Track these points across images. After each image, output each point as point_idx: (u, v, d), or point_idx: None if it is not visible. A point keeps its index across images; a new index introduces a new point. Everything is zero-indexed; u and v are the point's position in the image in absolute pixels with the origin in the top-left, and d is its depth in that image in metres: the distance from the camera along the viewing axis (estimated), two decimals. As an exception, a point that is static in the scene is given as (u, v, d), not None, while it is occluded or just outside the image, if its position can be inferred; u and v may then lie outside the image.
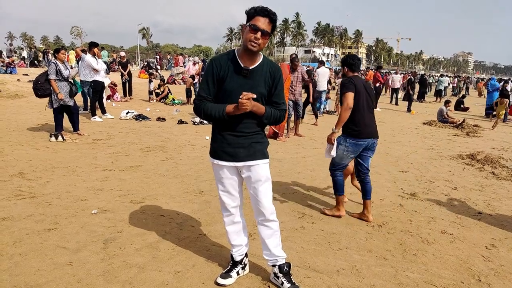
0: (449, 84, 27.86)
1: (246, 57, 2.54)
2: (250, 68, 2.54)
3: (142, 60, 43.23)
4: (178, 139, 8.15)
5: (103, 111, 10.33)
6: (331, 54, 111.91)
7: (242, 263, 2.93)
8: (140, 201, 4.46)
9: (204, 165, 6.13)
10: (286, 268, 2.78)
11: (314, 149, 7.88)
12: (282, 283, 2.75)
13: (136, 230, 3.68)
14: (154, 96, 14.71)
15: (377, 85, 16.69)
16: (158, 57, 33.33)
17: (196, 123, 10.09)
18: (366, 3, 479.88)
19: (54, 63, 7.52)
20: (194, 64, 17.95)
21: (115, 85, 14.14)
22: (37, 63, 25.62)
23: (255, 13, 2.44)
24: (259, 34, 2.42)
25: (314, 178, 5.76)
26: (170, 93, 14.85)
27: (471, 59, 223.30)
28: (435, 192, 5.40)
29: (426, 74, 36.86)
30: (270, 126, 8.60)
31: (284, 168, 6.22)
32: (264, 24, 2.42)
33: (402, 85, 19.89)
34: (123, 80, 14.60)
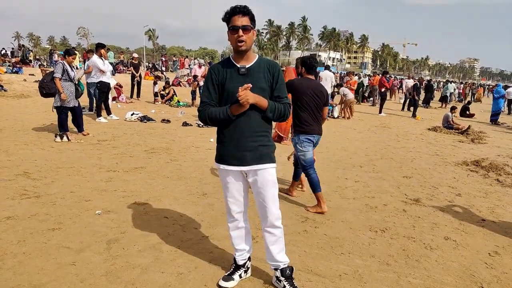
0: (454, 90, 27.71)
1: (240, 58, 2.60)
2: (247, 66, 2.58)
3: (148, 62, 43.43)
4: (183, 141, 8.17)
5: (109, 112, 10.38)
6: (337, 59, 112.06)
7: (245, 267, 2.94)
8: (143, 202, 4.48)
9: (208, 167, 6.15)
10: (288, 272, 2.79)
11: (318, 153, 7.85)
12: (284, 287, 2.75)
13: (139, 231, 3.70)
14: (160, 98, 14.78)
15: (382, 90, 16.44)
16: (163, 59, 33.47)
17: (200, 126, 10.13)
18: (372, 8, 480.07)
19: (61, 63, 7.58)
20: (200, 66, 18.00)
21: (121, 86, 14.21)
22: (28, 62, 24.38)
23: (229, 16, 2.51)
24: (241, 32, 2.48)
25: (317, 182, 5.75)
26: (175, 95, 14.91)
27: (477, 65, 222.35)
28: (439, 198, 5.38)
29: (432, 80, 36.70)
30: (275, 128, 8.61)
31: (287, 172, 6.22)
32: (239, 20, 2.47)
33: (408, 90, 19.75)
34: (134, 81, 14.66)
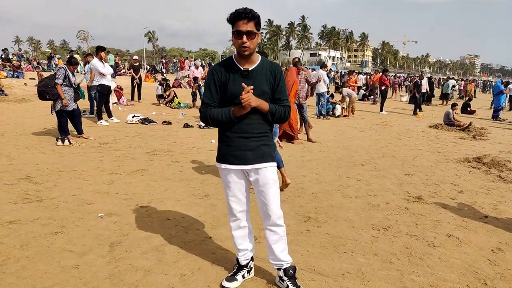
0: (454, 86, 27.65)
1: (243, 60, 2.59)
2: (250, 69, 2.58)
3: (148, 64, 43.52)
4: (184, 143, 8.18)
5: (109, 115, 10.40)
6: (337, 57, 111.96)
7: (248, 267, 2.94)
8: (146, 204, 4.48)
9: (209, 168, 6.15)
10: (291, 271, 2.79)
11: (320, 152, 7.87)
12: (287, 286, 2.75)
13: (142, 234, 3.70)
14: (160, 99, 14.78)
15: (382, 88, 16.39)
16: (163, 60, 33.51)
17: (202, 127, 10.14)
18: (372, 6, 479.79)
19: (64, 68, 7.54)
20: (197, 67, 18.00)
21: (121, 89, 14.23)
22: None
23: (234, 19, 2.47)
24: (245, 38, 2.46)
25: (319, 182, 5.75)
26: (176, 96, 14.92)
27: (478, 62, 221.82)
28: (441, 195, 5.38)
29: (433, 77, 36.62)
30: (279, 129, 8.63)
31: (289, 171, 6.21)
32: (244, 26, 2.44)
33: (408, 87, 19.68)
34: (134, 84, 14.67)
